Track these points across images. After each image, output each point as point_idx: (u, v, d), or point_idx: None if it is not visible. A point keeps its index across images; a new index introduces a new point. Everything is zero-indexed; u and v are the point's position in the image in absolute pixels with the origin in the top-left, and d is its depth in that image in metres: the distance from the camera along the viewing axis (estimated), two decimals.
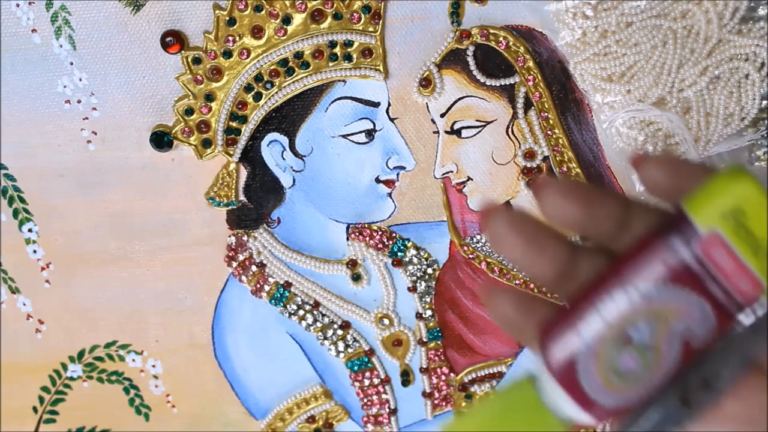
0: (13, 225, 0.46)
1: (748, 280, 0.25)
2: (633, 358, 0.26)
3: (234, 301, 0.49)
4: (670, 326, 0.26)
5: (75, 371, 0.51)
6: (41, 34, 0.41)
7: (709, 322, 0.26)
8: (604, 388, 0.26)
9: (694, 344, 0.26)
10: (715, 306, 0.25)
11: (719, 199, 0.25)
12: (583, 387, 0.26)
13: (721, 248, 0.25)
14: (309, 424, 0.52)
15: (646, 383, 0.26)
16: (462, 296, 0.49)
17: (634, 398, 0.27)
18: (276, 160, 0.45)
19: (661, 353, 0.26)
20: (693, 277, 0.25)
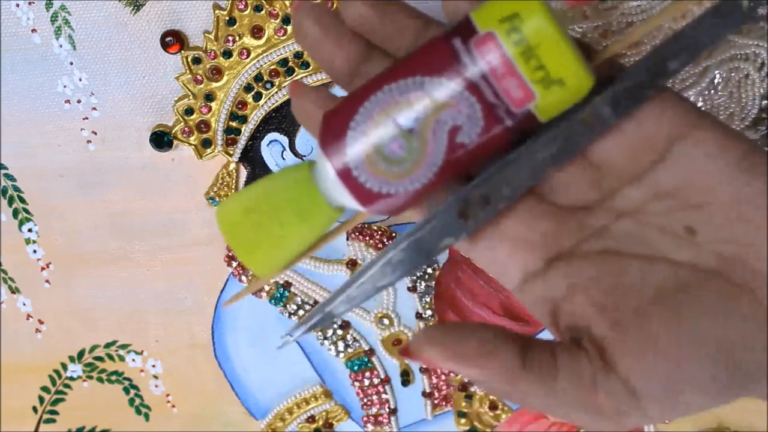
0: (13, 225, 0.46)
1: (519, 86, 0.26)
2: (398, 141, 0.27)
3: None
4: (437, 116, 0.27)
5: (75, 371, 0.51)
6: (41, 34, 0.41)
7: (477, 120, 0.27)
8: (372, 173, 0.27)
9: (462, 140, 0.27)
10: (485, 105, 0.26)
11: (501, 6, 0.26)
12: (352, 171, 0.27)
13: (495, 49, 0.26)
14: (309, 424, 0.52)
15: (411, 170, 0.27)
16: (462, 296, 0.49)
17: (401, 188, 0.28)
18: (276, 160, 0.45)
19: (426, 141, 0.27)
20: (467, 74, 0.26)
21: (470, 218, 0.28)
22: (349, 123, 0.27)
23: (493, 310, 0.49)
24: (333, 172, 0.27)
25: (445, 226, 0.29)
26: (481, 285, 0.48)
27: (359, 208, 0.28)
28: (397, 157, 0.27)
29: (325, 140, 0.27)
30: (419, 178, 0.27)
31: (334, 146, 0.27)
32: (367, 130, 0.27)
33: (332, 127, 0.27)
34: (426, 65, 0.27)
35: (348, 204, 0.28)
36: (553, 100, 0.26)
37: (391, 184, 0.27)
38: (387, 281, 0.29)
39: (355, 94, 0.27)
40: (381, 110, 0.27)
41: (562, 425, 0.53)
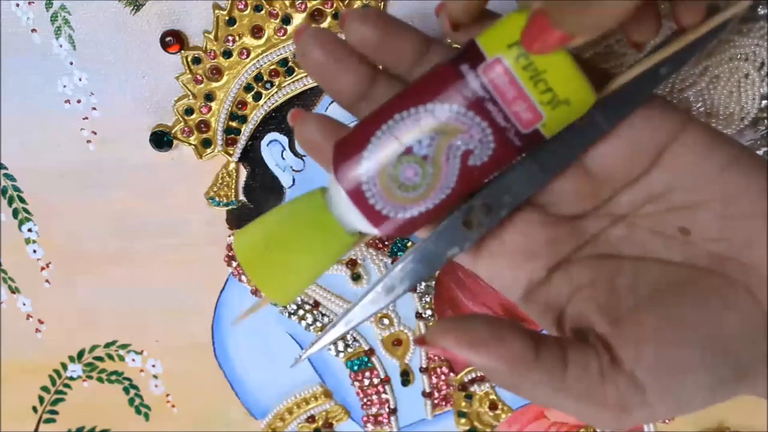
0: (12, 225, 0.46)
1: (528, 108, 0.27)
2: (412, 168, 0.28)
3: (234, 301, 0.49)
4: (450, 142, 0.27)
5: (75, 371, 0.51)
6: (41, 34, 0.41)
7: (489, 143, 0.27)
8: (387, 199, 0.28)
9: (474, 162, 0.28)
10: (495, 129, 0.27)
11: (506, 31, 0.26)
12: (366, 196, 0.28)
13: (503, 74, 0.26)
14: (309, 424, 0.52)
15: (426, 194, 0.28)
16: (462, 296, 0.49)
17: (416, 211, 0.28)
18: (276, 159, 0.45)
19: (440, 166, 0.28)
20: (476, 100, 0.27)
21: (474, 227, 0.29)
22: (362, 152, 0.28)
23: (493, 310, 0.49)
24: (348, 199, 0.28)
25: (451, 236, 0.30)
26: (481, 285, 0.48)
27: (373, 232, 0.29)
28: (412, 183, 0.28)
29: (339, 169, 0.28)
30: (432, 200, 0.28)
31: (349, 175, 0.28)
32: (381, 158, 0.28)
33: (345, 156, 0.28)
34: (435, 92, 0.27)
35: (362, 229, 0.29)
36: (558, 119, 0.27)
37: (406, 208, 0.28)
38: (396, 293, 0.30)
39: (366, 122, 0.28)
40: (393, 138, 0.27)
41: (562, 425, 0.53)
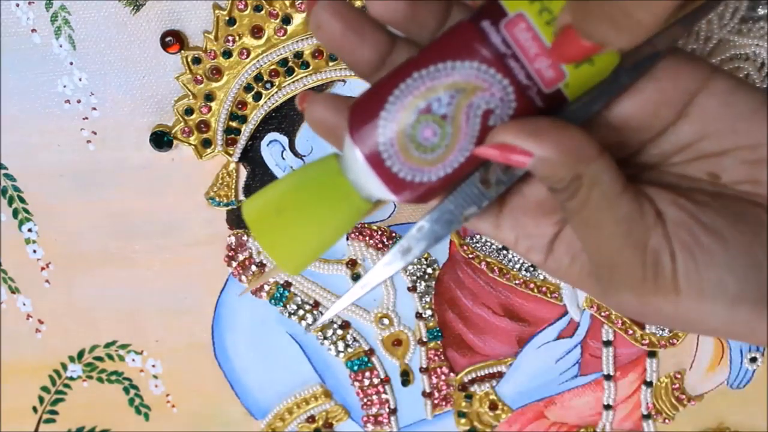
0: (13, 225, 0.46)
1: (550, 65, 0.26)
2: (431, 127, 0.26)
3: (234, 301, 0.49)
4: (470, 100, 0.26)
5: (75, 371, 0.51)
6: (41, 34, 0.41)
7: (510, 102, 0.26)
8: (404, 161, 0.27)
9: (494, 123, 0.26)
10: (517, 87, 0.26)
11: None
12: (383, 158, 0.27)
13: (526, 30, 0.26)
14: (309, 424, 0.52)
15: (444, 156, 0.27)
16: (462, 296, 0.49)
17: (433, 175, 0.27)
18: (276, 159, 0.45)
19: (459, 125, 0.26)
20: (498, 56, 0.26)
21: (492, 185, 0.28)
22: (380, 112, 0.27)
23: (493, 310, 0.49)
24: (364, 162, 0.27)
25: (468, 194, 0.28)
26: (481, 285, 0.48)
27: (390, 197, 0.28)
28: (431, 143, 0.27)
29: (355, 130, 0.27)
30: (451, 164, 0.27)
31: (365, 136, 0.27)
32: (399, 118, 0.26)
33: (362, 116, 0.27)
34: (455, 50, 0.26)
35: (378, 194, 0.28)
36: (581, 79, 0.26)
37: (423, 171, 0.27)
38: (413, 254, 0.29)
39: (383, 83, 0.27)
40: (412, 97, 0.26)
41: (562, 425, 0.53)
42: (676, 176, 0.29)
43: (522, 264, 0.47)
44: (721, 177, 0.28)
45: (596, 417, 0.53)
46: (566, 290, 0.48)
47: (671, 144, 0.29)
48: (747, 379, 0.51)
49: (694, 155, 0.28)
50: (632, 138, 0.29)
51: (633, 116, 0.28)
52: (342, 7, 0.28)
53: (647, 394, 0.51)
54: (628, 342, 0.49)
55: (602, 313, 0.49)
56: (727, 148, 0.28)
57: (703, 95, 0.28)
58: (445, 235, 0.29)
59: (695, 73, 0.28)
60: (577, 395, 0.52)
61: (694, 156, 0.28)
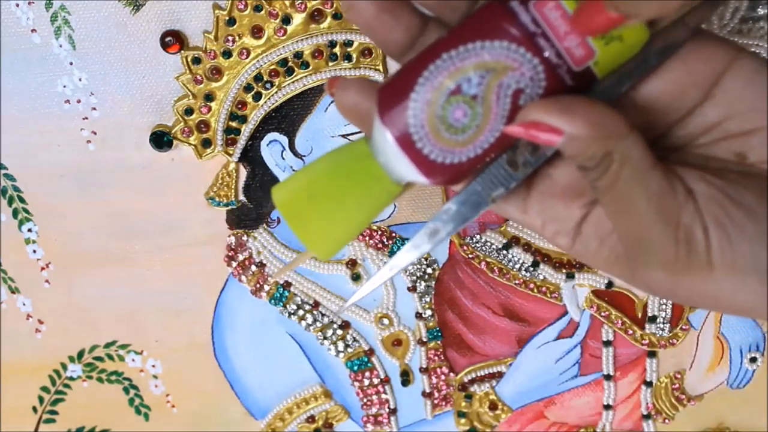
0: (12, 225, 0.46)
1: (580, 43, 0.26)
2: (461, 108, 0.26)
3: (234, 301, 0.49)
4: (500, 80, 0.26)
5: (75, 371, 0.51)
6: (41, 34, 0.41)
7: (540, 81, 0.26)
8: (435, 143, 0.27)
9: (525, 102, 0.26)
10: (547, 66, 0.26)
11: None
12: (413, 140, 0.27)
13: (555, 9, 0.25)
14: (309, 424, 0.52)
15: (474, 137, 0.27)
16: (462, 296, 0.49)
17: (464, 156, 0.27)
18: (276, 159, 0.45)
19: (490, 105, 0.26)
20: (527, 35, 0.26)
21: (519, 166, 0.28)
22: (410, 93, 0.26)
23: (493, 310, 0.49)
24: (395, 144, 0.27)
25: (496, 176, 0.28)
26: (481, 285, 0.48)
27: (420, 179, 0.27)
28: (461, 124, 0.26)
29: (385, 114, 0.27)
30: (481, 144, 0.27)
31: (395, 118, 0.27)
32: (429, 99, 0.26)
33: (391, 99, 0.27)
34: (485, 29, 0.26)
35: (409, 176, 0.28)
36: (611, 56, 0.26)
37: (454, 152, 0.27)
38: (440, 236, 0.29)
39: (412, 64, 0.27)
40: (442, 78, 0.26)
41: (562, 425, 0.53)
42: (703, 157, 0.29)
43: (522, 264, 0.47)
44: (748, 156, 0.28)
45: (596, 417, 0.53)
46: (566, 290, 0.48)
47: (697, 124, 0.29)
48: (747, 379, 0.51)
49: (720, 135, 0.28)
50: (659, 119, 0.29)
51: (660, 97, 0.28)
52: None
53: (647, 394, 0.51)
54: (628, 342, 0.49)
55: (602, 313, 0.49)
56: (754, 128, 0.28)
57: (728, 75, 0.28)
58: (472, 218, 0.29)
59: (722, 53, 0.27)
60: (577, 395, 0.52)
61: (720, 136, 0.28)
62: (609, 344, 0.50)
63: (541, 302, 0.48)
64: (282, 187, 0.28)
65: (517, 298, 0.48)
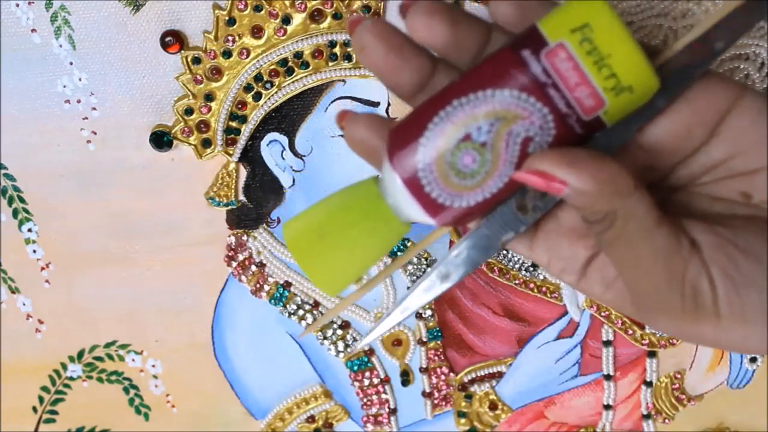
0: (12, 225, 0.46)
1: (590, 94, 0.26)
2: (470, 155, 0.27)
3: (234, 301, 0.49)
4: (510, 128, 0.26)
5: (75, 371, 0.51)
6: (41, 34, 0.41)
7: (549, 129, 0.27)
8: (443, 187, 0.27)
9: (533, 149, 0.27)
10: (557, 116, 0.26)
11: (569, 16, 0.26)
12: (422, 184, 0.27)
13: (566, 60, 0.26)
14: (309, 424, 0.52)
15: (483, 182, 0.27)
16: (462, 296, 0.49)
17: (472, 200, 0.27)
18: (276, 159, 0.45)
19: (499, 152, 0.27)
20: (538, 85, 0.26)
21: (528, 210, 0.29)
22: (419, 138, 0.27)
23: (493, 310, 0.49)
24: (404, 187, 0.27)
25: (505, 220, 0.29)
26: (481, 285, 0.48)
27: (428, 221, 0.28)
28: (470, 170, 0.27)
29: (395, 155, 0.27)
30: (489, 189, 0.27)
31: (404, 162, 0.27)
32: (439, 145, 0.27)
33: (402, 142, 0.27)
34: (496, 77, 0.26)
35: (417, 218, 0.28)
36: (620, 106, 0.26)
37: (462, 196, 0.27)
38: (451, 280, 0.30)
39: (423, 109, 0.27)
40: (452, 124, 0.27)
41: (562, 425, 0.53)
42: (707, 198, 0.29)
43: (522, 264, 0.47)
44: (753, 196, 0.28)
45: (596, 417, 0.53)
46: (566, 290, 0.48)
47: (702, 163, 0.29)
48: (747, 379, 0.51)
49: (725, 174, 0.28)
50: (665, 159, 0.29)
51: (666, 137, 0.28)
52: (385, 29, 0.28)
53: (647, 394, 0.51)
54: (628, 342, 0.49)
55: (602, 313, 0.49)
56: (759, 167, 0.28)
57: (733, 114, 0.28)
58: (483, 261, 0.30)
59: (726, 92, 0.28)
60: (577, 395, 0.52)
61: (725, 175, 0.28)
62: (609, 344, 0.50)
63: (541, 302, 0.48)
64: (292, 224, 0.29)
65: (517, 298, 0.48)
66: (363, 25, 0.28)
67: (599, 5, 0.25)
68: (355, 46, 0.29)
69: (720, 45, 0.27)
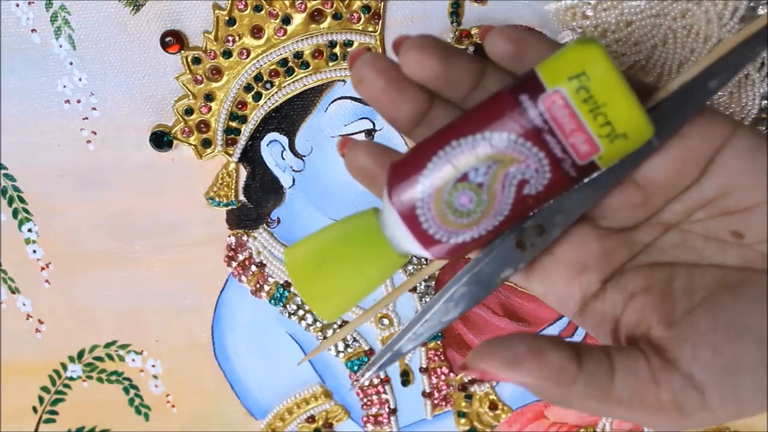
0: (12, 225, 0.46)
1: (586, 140, 0.27)
2: (467, 195, 0.28)
3: (234, 301, 0.49)
4: (506, 170, 0.27)
5: (75, 371, 0.51)
6: (41, 34, 0.41)
7: (545, 173, 0.28)
8: (440, 224, 0.28)
9: (528, 191, 0.28)
10: (552, 160, 0.27)
11: (567, 63, 0.26)
12: (420, 220, 0.28)
13: (563, 107, 0.27)
14: (309, 424, 0.52)
15: (479, 221, 0.28)
16: None
17: (468, 237, 0.28)
18: (276, 159, 0.45)
19: (494, 193, 0.28)
20: (535, 130, 0.27)
21: (527, 248, 0.30)
22: (418, 177, 0.28)
23: (493, 310, 0.49)
24: (402, 222, 0.28)
25: (504, 257, 0.30)
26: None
27: (424, 254, 0.29)
28: (466, 209, 0.28)
29: (394, 192, 0.28)
30: (485, 227, 0.28)
31: (403, 198, 0.28)
32: (437, 184, 0.28)
33: (401, 179, 0.28)
34: (493, 120, 0.27)
35: (414, 251, 0.29)
36: (615, 151, 0.27)
37: (458, 234, 0.28)
38: (451, 316, 0.30)
39: (423, 147, 0.28)
40: (450, 166, 0.27)
41: (562, 425, 0.53)
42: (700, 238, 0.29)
43: None
44: (744, 235, 0.28)
45: (596, 417, 0.53)
46: None
47: (695, 200, 0.29)
48: None
49: (717, 212, 0.29)
50: (659, 195, 0.29)
51: (659, 174, 0.29)
52: (384, 63, 0.29)
53: None
54: None
55: None
56: (751, 204, 0.28)
57: (726, 151, 0.28)
58: (482, 298, 0.30)
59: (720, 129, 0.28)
60: None
61: (717, 212, 0.29)
62: None
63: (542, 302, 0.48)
64: (293, 251, 0.30)
65: (517, 298, 0.48)
66: (362, 59, 0.29)
67: (596, 54, 0.26)
68: (353, 78, 0.29)
69: (714, 84, 0.28)
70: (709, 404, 0.26)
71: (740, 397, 0.26)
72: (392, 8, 0.41)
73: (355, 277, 0.30)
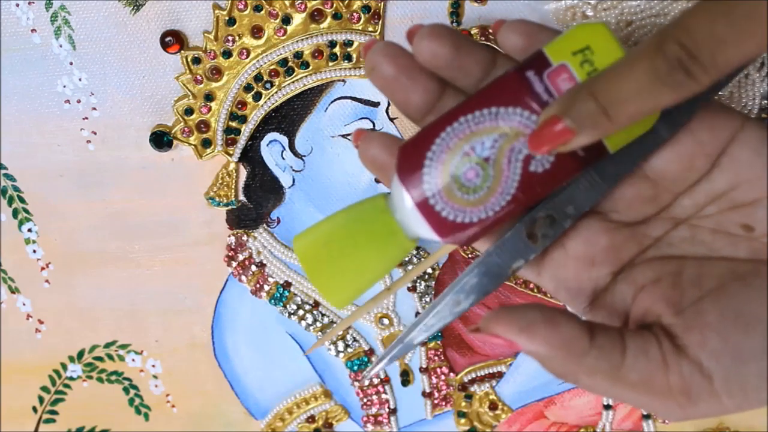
0: (12, 225, 0.46)
1: None
2: (474, 169, 0.28)
3: (234, 301, 0.49)
4: (512, 144, 0.28)
5: (75, 371, 0.51)
6: (41, 34, 0.41)
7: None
8: (448, 201, 0.28)
9: (535, 169, 0.28)
10: None
11: (572, 40, 0.27)
12: (429, 200, 0.28)
13: (568, 80, 0.27)
14: (309, 424, 0.52)
15: (486, 198, 0.28)
16: None
17: (475, 216, 0.28)
18: (276, 159, 0.45)
19: (501, 168, 0.28)
20: (540, 103, 0.27)
21: (538, 239, 0.30)
22: (426, 153, 0.28)
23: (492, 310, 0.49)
24: (411, 202, 0.28)
25: (515, 248, 0.30)
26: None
27: (434, 238, 0.29)
28: (473, 184, 0.28)
29: (403, 171, 0.28)
30: (493, 206, 0.28)
31: (412, 177, 0.28)
32: (444, 159, 0.28)
33: (409, 158, 0.28)
34: (500, 97, 0.28)
35: (424, 234, 0.29)
36: (623, 133, 0.27)
37: (466, 212, 0.28)
38: (462, 307, 0.30)
39: (431, 126, 0.28)
40: (457, 140, 0.28)
41: (562, 425, 0.53)
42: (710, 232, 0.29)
43: None
44: (755, 228, 0.28)
45: (596, 417, 0.53)
46: None
47: (705, 194, 0.29)
48: None
49: (727, 205, 0.29)
50: (668, 189, 0.29)
51: (669, 167, 0.29)
52: (396, 51, 0.29)
53: None
54: None
55: None
56: (760, 197, 0.28)
57: (735, 144, 0.28)
58: (493, 289, 0.30)
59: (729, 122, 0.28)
60: (577, 395, 0.52)
61: (727, 206, 0.29)
62: None
63: (542, 302, 0.48)
64: (302, 237, 0.30)
65: (517, 298, 0.48)
66: (375, 47, 0.29)
67: (600, 29, 0.27)
68: (366, 66, 0.30)
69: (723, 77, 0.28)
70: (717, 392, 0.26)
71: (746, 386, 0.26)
72: (392, 8, 0.41)
73: (366, 262, 0.30)
